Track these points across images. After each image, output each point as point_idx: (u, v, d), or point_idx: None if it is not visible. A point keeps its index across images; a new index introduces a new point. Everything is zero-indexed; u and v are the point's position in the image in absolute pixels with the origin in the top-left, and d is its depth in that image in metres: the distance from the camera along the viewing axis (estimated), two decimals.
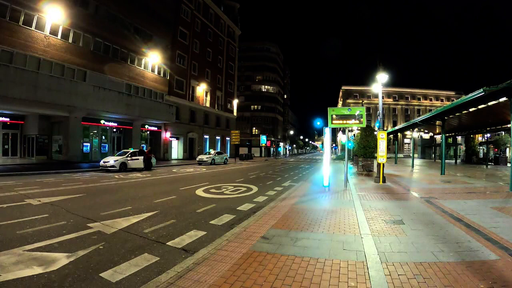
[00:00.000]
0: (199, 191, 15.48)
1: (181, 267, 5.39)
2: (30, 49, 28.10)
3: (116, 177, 21.41)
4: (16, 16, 26.98)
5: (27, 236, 7.37)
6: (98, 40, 34.76)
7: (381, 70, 19.66)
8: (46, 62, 29.44)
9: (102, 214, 9.83)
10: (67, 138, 32.19)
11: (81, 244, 6.88)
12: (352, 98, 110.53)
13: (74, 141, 32.11)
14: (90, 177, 21.30)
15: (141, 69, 41.48)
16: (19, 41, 27.24)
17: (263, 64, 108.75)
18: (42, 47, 29.10)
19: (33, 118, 34.33)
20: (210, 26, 59.86)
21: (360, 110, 15.38)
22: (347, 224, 8.33)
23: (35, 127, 34.44)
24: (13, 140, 34.90)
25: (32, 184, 16.56)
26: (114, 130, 39.46)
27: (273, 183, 19.70)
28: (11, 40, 26.67)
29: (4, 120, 33.23)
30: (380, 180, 17.75)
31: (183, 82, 51.08)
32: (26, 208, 10.59)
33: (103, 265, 5.80)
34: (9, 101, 26.41)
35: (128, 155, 27.22)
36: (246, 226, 8.10)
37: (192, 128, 53.98)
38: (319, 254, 6.01)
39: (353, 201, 11.88)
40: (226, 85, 67.99)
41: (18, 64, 26.72)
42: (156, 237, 7.57)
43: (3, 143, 34.07)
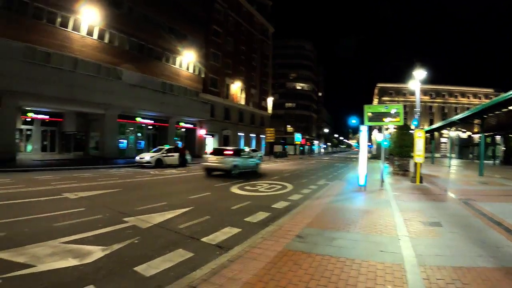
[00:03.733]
0: (234, 188, 15.41)
1: (216, 263, 5.30)
2: (66, 49, 28.72)
3: (151, 173, 21.59)
4: (53, 18, 27.61)
5: (63, 229, 7.43)
6: (133, 40, 35.24)
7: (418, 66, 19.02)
8: (83, 61, 30.04)
9: (137, 209, 9.84)
10: (103, 135, 32.71)
11: (116, 238, 6.90)
12: (388, 96, 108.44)
13: (111, 138, 32.64)
14: (126, 172, 21.63)
15: (176, 68, 41.80)
16: (56, 42, 27.86)
17: (297, 62, 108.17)
18: (79, 48, 29.69)
19: (71, 115, 35.27)
20: (243, 24, 59.78)
21: (397, 107, 14.97)
22: (383, 224, 8.10)
23: (73, 124, 35.50)
24: (52, 137, 35.97)
25: (69, 178, 16.85)
26: (150, 127, 39.93)
27: (307, 181, 19.39)
28: (49, 41, 27.32)
29: (43, 118, 34.21)
30: (416, 180, 17.22)
31: (217, 80, 51.21)
32: (63, 201, 10.75)
33: (137, 259, 5.77)
34: (47, 100, 27.15)
35: (164, 152, 27.42)
36: (281, 224, 7.96)
37: (226, 125, 54.02)
38: (355, 255, 5.83)
39: (389, 201, 11.58)
40: (260, 82, 67.96)
41: (55, 64, 27.37)
42: (191, 233, 7.54)
43: (42, 139, 35.25)
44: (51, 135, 35.81)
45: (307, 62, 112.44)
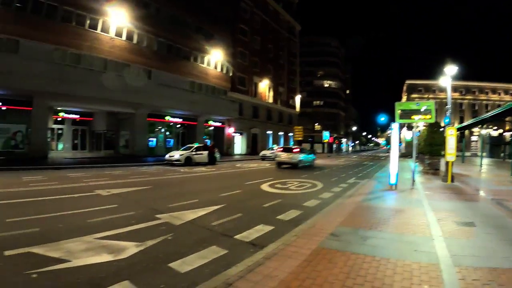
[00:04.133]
0: (264, 186, 15.31)
1: (251, 261, 5.25)
2: (96, 50, 29.32)
3: (181, 171, 21.67)
4: (82, 20, 28.24)
5: (96, 225, 7.48)
6: (161, 40, 35.60)
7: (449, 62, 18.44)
8: (112, 62, 30.63)
9: (169, 206, 9.84)
10: (133, 134, 33.29)
11: (150, 234, 6.90)
12: (417, 93, 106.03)
13: (140, 136, 33.09)
14: (156, 170, 21.74)
15: (204, 67, 41.99)
16: (85, 43, 28.48)
17: (324, 59, 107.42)
18: (108, 49, 30.24)
19: (101, 115, 36.05)
20: (269, 22, 59.44)
21: (428, 104, 14.54)
22: (416, 224, 7.93)
23: (103, 123, 36.31)
24: (82, 135, 36.96)
25: (101, 176, 17.06)
26: (179, 126, 40.34)
27: (337, 180, 19.14)
28: (78, 43, 27.97)
29: (74, 117, 35.21)
30: (448, 179, 16.72)
31: (245, 78, 51.28)
32: (96, 198, 10.87)
33: (172, 255, 5.76)
34: (78, 100, 27.88)
35: (193, 150, 27.50)
36: (314, 223, 7.88)
37: (255, 123, 54.01)
38: (389, 254, 5.73)
39: (420, 200, 11.36)
40: (288, 80, 67.55)
41: (86, 65, 28.08)
42: (224, 230, 7.50)
43: (73, 138, 36.28)
44: (81, 134, 36.79)
45: (334, 59, 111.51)
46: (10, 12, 24.01)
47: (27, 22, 24.65)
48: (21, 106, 25.11)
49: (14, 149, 25.23)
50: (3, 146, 24.82)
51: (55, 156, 27.94)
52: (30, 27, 24.65)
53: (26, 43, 24.51)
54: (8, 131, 25.19)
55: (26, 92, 23.81)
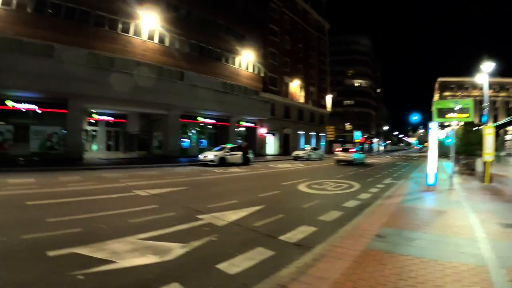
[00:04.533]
0: (301, 186, 15.12)
1: (301, 262, 5.17)
2: (129, 54, 29.89)
3: (216, 171, 21.60)
4: (114, 25, 28.92)
5: (139, 225, 7.40)
6: (193, 42, 35.90)
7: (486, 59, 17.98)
8: (145, 64, 31.03)
9: (209, 206, 9.72)
10: (166, 135, 33.50)
11: (194, 235, 6.80)
12: (449, 91, 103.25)
13: (173, 137, 33.25)
14: (191, 170, 21.73)
15: (235, 67, 42.13)
16: (118, 47, 29.12)
17: (353, 58, 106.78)
18: (141, 51, 30.76)
19: (134, 116, 36.66)
20: (299, 22, 59.08)
21: (466, 103, 14.17)
22: (459, 226, 7.78)
23: (136, 124, 36.95)
24: (116, 137, 38.02)
25: (137, 176, 17.11)
26: (211, 127, 40.41)
27: (373, 180, 18.83)
28: (111, 47, 28.62)
29: (107, 119, 36.15)
30: (486, 179, 16.11)
31: (276, 78, 51.15)
32: (135, 198, 10.84)
33: (218, 257, 5.63)
34: (112, 102, 28.30)
35: (227, 150, 27.45)
36: (358, 224, 7.82)
37: (286, 124, 53.66)
38: (437, 256, 5.62)
39: (460, 202, 11.13)
40: (318, 80, 66.98)
41: (119, 68, 28.56)
42: (268, 231, 7.38)
43: (106, 139, 37.41)
44: (115, 135, 37.90)
45: (364, 58, 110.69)
46: (44, 19, 24.70)
47: (61, 27, 25.27)
48: (57, 108, 25.54)
49: (50, 150, 25.67)
50: (39, 147, 25.28)
51: (90, 157, 28.35)
52: (64, 32, 25.26)
53: (61, 48, 25.06)
54: (44, 133, 25.62)
55: (61, 95, 24.22)
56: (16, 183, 12.99)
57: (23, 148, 24.47)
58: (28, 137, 24.89)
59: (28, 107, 24.58)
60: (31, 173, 16.86)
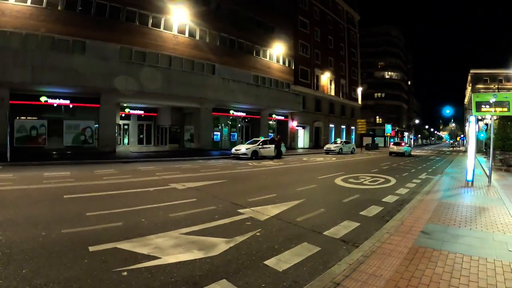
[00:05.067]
0: (338, 180, 14.92)
1: (351, 259, 5.04)
2: (160, 48, 30.07)
3: (250, 165, 21.39)
4: (145, 19, 29.14)
5: (180, 220, 7.23)
6: (223, 35, 35.85)
7: None
8: (177, 58, 31.24)
9: (249, 200, 9.54)
10: (198, 128, 33.52)
11: (237, 230, 6.66)
12: (482, 83, 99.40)
13: (205, 131, 33.22)
14: (224, 164, 21.58)
15: (266, 60, 41.90)
16: (150, 41, 29.34)
17: (384, 50, 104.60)
18: (172, 46, 30.85)
19: (165, 110, 36.90)
20: (328, 13, 58.20)
21: (506, 96, 13.73)
22: (504, 223, 7.53)
23: (167, 118, 37.05)
24: (147, 130, 38.30)
25: (171, 169, 17.00)
26: (242, 120, 40.35)
27: (409, 175, 18.46)
28: (143, 42, 28.86)
29: (139, 113, 36.49)
30: None
31: (307, 71, 50.65)
32: (172, 192, 10.67)
33: (265, 252, 5.50)
34: (144, 96, 28.40)
35: (259, 144, 27.18)
36: (402, 220, 7.63)
37: (317, 117, 53.07)
38: (486, 254, 5.46)
39: (501, 199, 10.76)
40: (349, 72, 65.92)
41: (151, 62, 28.88)
42: (311, 226, 7.20)
43: (138, 133, 37.66)
44: (146, 129, 38.17)
45: (394, 50, 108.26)
46: (75, 15, 25.05)
47: (92, 24, 25.67)
48: (89, 103, 25.91)
49: (84, 144, 26.10)
50: (73, 141, 25.72)
51: (122, 151, 28.70)
52: (95, 29, 25.66)
53: (92, 44, 25.47)
54: (77, 127, 26.02)
55: (94, 89, 24.47)
56: (52, 176, 13.07)
57: (57, 142, 24.99)
58: (62, 132, 25.31)
59: (61, 102, 25.01)
60: (65, 166, 17.12)
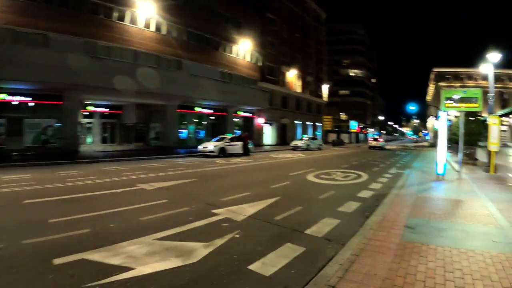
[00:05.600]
0: (310, 176, 14.86)
1: (342, 259, 4.89)
2: (126, 42, 28.88)
3: (218, 162, 21.03)
4: (110, 12, 27.85)
5: (152, 223, 6.86)
6: (190, 31, 34.95)
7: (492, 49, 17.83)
8: (143, 54, 30.14)
9: (222, 199, 9.24)
10: (164, 126, 32.90)
11: (214, 232, 6.32)
12: (445, 81, 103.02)
13: (171, 128, 32.64)
14: (192, 162, 21.15)
15: (234, 57, 41.37)
16: (115, 36, 28.08)
17: (349, 48, 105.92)
18: (138, 40, 29.77)
19: (130, 107, 35.68)
20: (296, 11, 58.09)
21: (475, 92, 14.63)
22: (482, 215, 7.81)
23: (133, 116, 35.86)
24: (112, 129, 36.85)
25: (138, 169, 16.41)
26: (209, 117, 39.77)
27: (379, 170, 18.69)
28: (108, 36, 27.58)
29: (103, 111, 35.02)
30: (491, 169, 16.37)
31: (274, 68, 50.43)
32: (141, 193, 10.19)
33: (248, 256, 5.21)
34: (109, 92, 27.30)
35: (227, 141, 26.87)
36: (383, 215, 7.64)
37: (284, 113, 52.88)
38: (472, 246, 5.62)
39: (474, 191, 11.23)
40: (316, 70, 65.98)
41: (116, 57, 27.69)
42: (291, 225, 7.00)
43: (102, 132, 36.18)
44: (111, 127, 36.68)
45: (360, 48, 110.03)
46: (37, 7, 23.61)
47: (55, 15, 24.27)
48: (52, 100, 24.81)
49: (45, 144, 25.04)
50: (34, 141, 24.64)
51: (86, 150, 27.56)
52: (58, 21, 24.28)
53: (56, 37, 24.10)
54: (38, 126, 24.98)
55: (57, 86, 23.31)
56: (11, 180, 12.27)
57: (17, 142, 23.80)
58: (22, 131, 24.20)
59: (21, 100, 23.86)
60: (26, 168, 16.22)
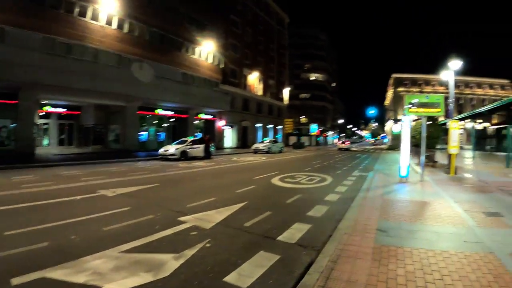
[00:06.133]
0: (275, 180, 14.84)
1: (320, 266, 4.77)
2: (87, 40, 27.67)
3: (180, 166, 20.61)
4: (71, 7, 26.51)
5: (117, 234, 6.41)
6: (153, 30, 34.14)
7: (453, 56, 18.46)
8: (104, 52, 29.03)
9: (188, 206, 8.92)
10: (124, 128, 31.97)
11: (184, 242, 6.01)
12: (403, 86, 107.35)
13: (131, 130, 31.82)
14: (153, 165, 20.61)
15: (196, 58, 40.75)
16: (76, 32, 26.82)
17: (311, 52, 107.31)
18: (99, 38, 28.63)
19: (89, 108, 34.30)
20: (260, 14, 58.70)
21: (438, 97, 15.27)
22: (449, 216, 8.04)
23: (91, 117, 34.45)
24: (69, 130, 35.20)
25: (97, 173, 15.74)
26: (170, 119, 39.01)
27: (342, 173, 19.05)
28: (68, 32, 26.28)
29: (60, 111, 33.33)
30: (451, 171, 17.19)
31: (236, 70, 50.38)
32: (102, 200, 9.68)
33: (222, 267, 4.97)
34: (68, 92, 26.20)
35: (188, 144, 26.39)
36: (354, 219, 7.68)
37: (245, 116, 53.17)
38: (446, 247, 5.75)
39: (438, 193, 11.52)
40: (277, 73, 66.82)
41: (76, 55, 26.53)
42: (262, 232, 6.87)
43: (59, 133, 34.44)
44: (68, 129, 35.12)
45: (321, 52, 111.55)
46: None
47: (11, 8, 22.92)
48: (6, 99, 23.69)
49: None
50: None
51: (43, 153, 26.31)
52: (15, 14, 22.93)
53: (13, 31, 22.80)
54: None
55: (12, 84, 22.27)
56: None
57: None
58: None
59: None
60: None
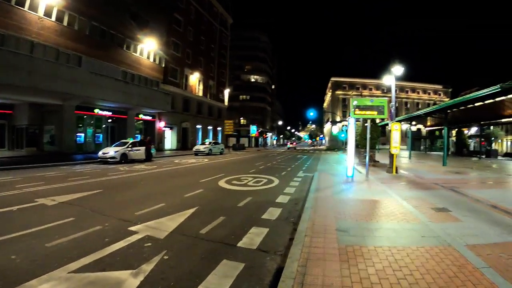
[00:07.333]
0: (222, 183, 14.86)
1: (291, 272, 4.68)
2: (23, 31, 25.87)
3: (121, 169, 19.78)
4: None
5: (63, 250, 5.71)
6: (94, 24, 32.66)
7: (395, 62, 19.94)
8: (40, 45, 27.21)
9: (137, 213, 8.47)
10: (60, 128, 30.27)
11: (139, 256, 5.52)
12: (341, 90, 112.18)
13: (68, 132, 30.22)
14: (93, 169, 19.58)
15: (137, 56, 39.65)
16: (11, 22, 25.00)
17: (252, 54, 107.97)
18: (36, 30, 26.86)
19: (23, 107, 31.87)
20: (204, 14, 58.38)
21: (382, 101, 16.14)
22: (401, 213, 8.49)
23: (25, 116, 31.94)
24: (0, 131, 32.39)
25: (34, 179, 14.54)
26: (109, 120, 37.52)
27: (287, 174, 19.38)
28: (3, 21, 24.50)
29: None
30: (393, 170, 18.50)
31: (177, 70, 49.58)
32: (42, 210, 8.76)
33: (187, 281, 4.62)
34: (2, 88, 24.10)
35: (128, 146, 25.57)
36: (311, 220, 7.71)
37: (185, 117, 52.63)
38: (406, 243, 6.03)
39: (385, 191, 12.17)
40: (218, 74, 66.77)
41: (11, 47, 24.52)
42: (220, 239, 6.66)
43: None
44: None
45: (262, 54, 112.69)
46: None
47: None
48: None
49: None
50: None
51: None
52: None
53: None
54: None
55: None
56: None
57: None
58: None
59: None
60: None
